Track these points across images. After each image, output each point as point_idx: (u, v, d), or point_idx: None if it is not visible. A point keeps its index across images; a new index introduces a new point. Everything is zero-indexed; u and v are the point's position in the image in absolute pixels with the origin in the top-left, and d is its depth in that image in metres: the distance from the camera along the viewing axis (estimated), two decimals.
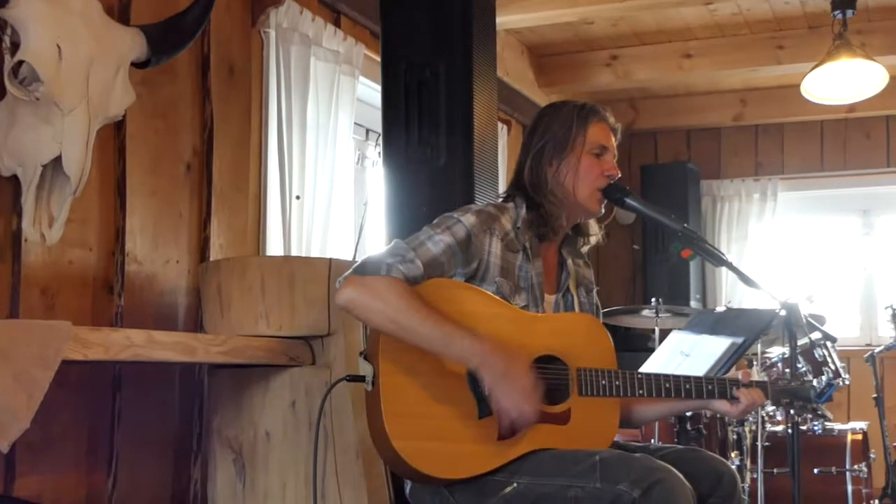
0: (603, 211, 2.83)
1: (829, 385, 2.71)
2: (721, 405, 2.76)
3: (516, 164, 2.87)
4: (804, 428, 4.94)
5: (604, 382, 2.63)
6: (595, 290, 2.98)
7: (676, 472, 2.37)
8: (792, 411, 2.76)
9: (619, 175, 2.80)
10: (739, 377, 2.78)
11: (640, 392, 2.66)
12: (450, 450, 2.47)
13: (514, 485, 2.48)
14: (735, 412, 2.75)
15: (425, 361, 2.48)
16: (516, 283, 2.68)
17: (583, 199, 2.75)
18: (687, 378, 2.73)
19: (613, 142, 2.83)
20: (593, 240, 2.92)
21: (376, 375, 2.45)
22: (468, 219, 2.63)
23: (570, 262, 2.88)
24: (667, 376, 2.70)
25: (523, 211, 2.75)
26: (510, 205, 2.77)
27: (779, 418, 4.96)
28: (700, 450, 2.74)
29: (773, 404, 2.82)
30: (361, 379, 2.49)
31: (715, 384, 2.73)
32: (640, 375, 2.68)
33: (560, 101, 2.94)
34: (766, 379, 2.85)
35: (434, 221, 2.66)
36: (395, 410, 2.43)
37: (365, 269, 2.51)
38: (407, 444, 2.42)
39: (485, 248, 2.63)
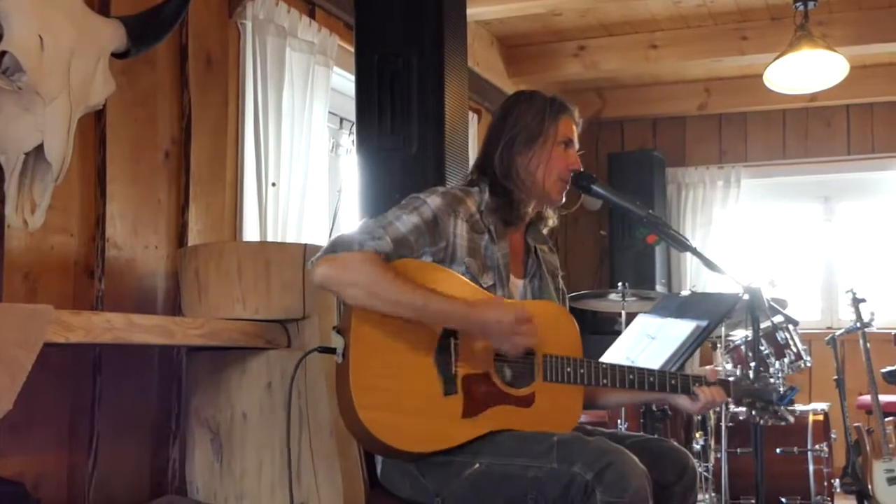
0: (563, 200, 2.86)
1: (791, 389, 2.75)
2: (682, 401, 2.79)
3: (482, 150, 2.88)
4: None
5: (569, 370, 2.66)
6: (561, 276, 3.01)
7: (629, 453, 2.40)
8: (753, 412, 2.74)
9: (582, 169, 2.83)
10: (707, 375, 2.80)
11: (604, 382, 2.69)
12: (414, 424, 2.51)
13: (477, 465, 2.51)
14: (694, 409, 2.79)
15: (396, 338, 2.51)
16: (483, 263, 2.71)
17: (549, 187, 2.79)
18: (651, 371, 2.75)
19: (577, 135, 2.86)
20: (550, 222, 2.94)
21: (347, 348, 2.48)
22: (434, 200, 2.66)
23: (536, 248, 2.91)
24: (631, 368, 2.73)
25: (486, 196, 2.77)
26: (475, 189, 2.79)
27: (741, 418, 4.99)
28: (666, 440, 2.77)
29: (735, 403, 2.84)
30: (333, 350, 2.52)
31: (678, 379, 2.76)
32: (604, 366, 2.70)
33: (529, 90, 2.95)
34: (730, 378, 2.83)
35: (402, 202, 2.68)
36: (363, 382, 2.46)
37: (336, 248, 2.54)
38: (373, 414, 2.45)
39: (450, 229, 2.66)
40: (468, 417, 2.55)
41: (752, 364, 2.94)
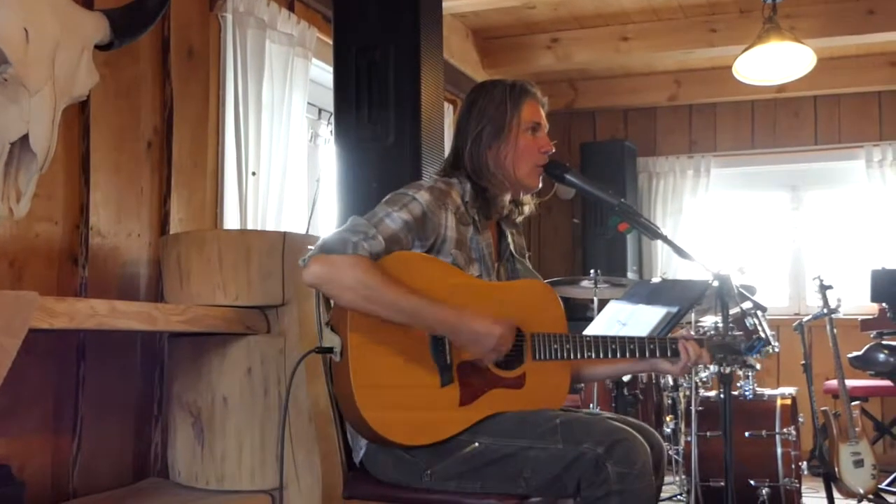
0: (541, 185, 2.89)
1: (759, 340, 2.82)
2: (664, 364, 2.84)
3: (452, 147, 2.88)
4: (736, 393, 5.01)
5: (555, 346, 2.71)
6: (527, 256, 3.06)
7: (634, 432, 2.49)
8: (724, 365, 2.79)
9: (554, 150, 2.85)
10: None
11: (589, 354, 2.73)
12: (416, 418, 2.55)
13: (476, 444, 2.56)
14: (677, 370, 2.83)
15: (391, 333, 2.53)
16: (469, 255, 2.74)
17: (523, 176, 2.81)
18: (631, 339, 2.80)
19: (544, 115, 2.87)
20: (527, 209, 2.96)
21: (345, 347, 2.50)
22: (423, 196, 2.66)
23: (508, 232, 2.95)
24: (613, 338, 2.77)
25: (468, 186, 2.78)
26: (454, 180, 2.80)
27: (712, 369, 5.00)
28: (634, 420, 2.82)
29: (709, 360, 2.91)
30: (329, 350, 2.54)
31: (657, 343, 2.81)
32: (588, 338, 2.74)
33: (489, 80, 2.94)
34: (701, 336, 2.87)
35: (389, 198, 2.68)
36: (363, 382, 2.49)
37: (330, 248, 2.52)
38: (375, 414, 2.50)
39: (441, 222, 2.67)
40: (466, 405, 2.61)
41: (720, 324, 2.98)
